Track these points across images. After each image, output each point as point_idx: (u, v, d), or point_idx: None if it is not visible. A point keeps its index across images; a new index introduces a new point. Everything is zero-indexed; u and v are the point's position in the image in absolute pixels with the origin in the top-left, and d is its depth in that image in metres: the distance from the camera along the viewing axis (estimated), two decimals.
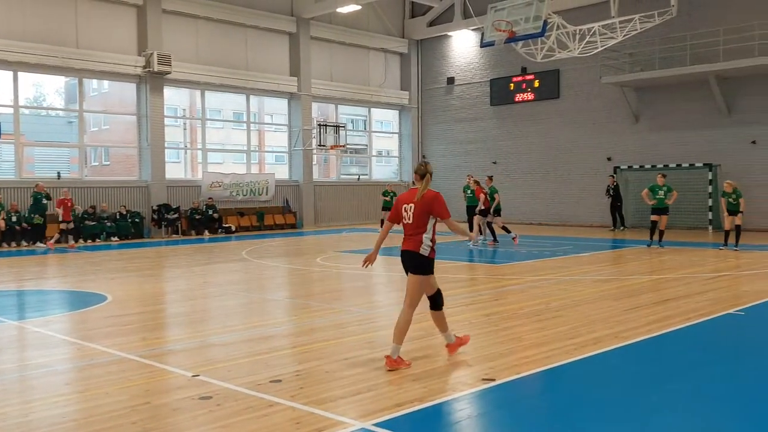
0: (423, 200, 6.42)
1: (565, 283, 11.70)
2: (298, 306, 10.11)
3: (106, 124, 28.67)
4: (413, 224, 6.46)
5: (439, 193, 6.51)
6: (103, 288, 11.65)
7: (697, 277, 12.21)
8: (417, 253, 6.43)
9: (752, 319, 8.67)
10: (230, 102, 29.10)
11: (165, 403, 5.45)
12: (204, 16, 25.08)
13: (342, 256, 16.84)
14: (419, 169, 6.59)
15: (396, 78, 32.30)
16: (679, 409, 5.26)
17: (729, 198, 16.37)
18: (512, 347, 7.12)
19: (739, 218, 16.31)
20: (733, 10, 22.60)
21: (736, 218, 16.30)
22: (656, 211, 17.34)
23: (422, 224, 6.43)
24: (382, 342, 7.47)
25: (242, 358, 6.84)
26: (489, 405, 5.49)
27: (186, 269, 14.64)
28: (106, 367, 6.55)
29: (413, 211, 6.45)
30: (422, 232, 6.43)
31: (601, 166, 25.99)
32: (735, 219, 16.32)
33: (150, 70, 22.97)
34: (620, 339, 7.41)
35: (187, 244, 21.08)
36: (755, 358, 6.95)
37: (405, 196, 6.62)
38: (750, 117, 22.66)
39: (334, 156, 30.91)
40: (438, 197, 6.45)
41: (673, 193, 17.23)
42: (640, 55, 24.42)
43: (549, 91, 27.60)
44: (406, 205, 6.51)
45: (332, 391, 5.67)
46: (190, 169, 27.56)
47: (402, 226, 6.59)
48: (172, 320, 9.40)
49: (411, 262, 6.49)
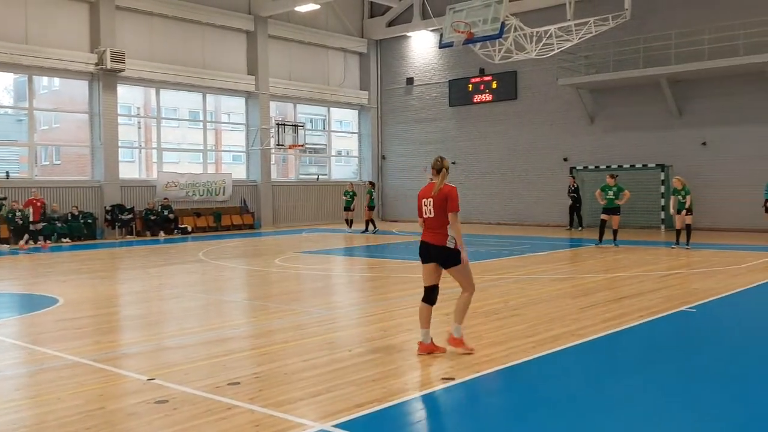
0: (440, 194, 6.66)
1: (523, 281, 11.81)
2: (257, 307, 10.00)
3: (57, 122, 27.99)
4: (435, 218, 6.70)
5: (455, 188, 6.70)
6: (54, 290, 11.37)
7: (651, 275, 12.44)
8: (445, 247, 6.64)
9: (703, 316, 8.86)
10: (186, 100, 28.69)
11: (120, 408, 5.33)
12: (158, 13, 24.70)
13: (301, 256, 16.75)
14: (435, 164, 6.78)
15: (355, 78, 32.26)
16: (637, 403, 5.34)
17: (678, 195, 16.71)
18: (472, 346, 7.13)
19: (689, 218, 16.67)
20: (685, 14, 23.14)
21: (686, 217, 16.65)
22: (606, 211, 17.66)
23: (443, 218, 6.66)
24: (342, 343, 7.44)
25: (199, 360, 6.73)
26: (449, 404, 5.50)
27: (141, 271, 14.39)
28: (58, 371, 6.38)
29: (432, 205, 6.69)
30: (446, 224, 6.64)
31: (557, 166, 26.35)
32: (685, 218, 16.67)
33: (103, 67, 22.52)
34: (577, 336, 7.50)
35: (141, 245, 20.73)
36: (706, 353, 7.10)
37: (424, 191, 6.85)
38: (700, 119, 23.21)
39: (292, 156, 30.74)
40: (452, 191, 6.66)
41: (624, 193, 17.48)
42: (595, 57, 24.82)
43: (506, 93, 27.87)
44: (425, 200, 6.77)
45: (291, 392, 5.61)
46: (144, 169, 27.10)
47: (424, 219, 6.82)
48: (127, 323, 9.21)
49: (442, 256, 6.71)
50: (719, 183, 22.84)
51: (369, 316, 8.96)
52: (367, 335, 7.83)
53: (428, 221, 6.75)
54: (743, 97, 22.32)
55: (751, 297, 10.32)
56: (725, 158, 22.75)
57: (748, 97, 22.23)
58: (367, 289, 11.80)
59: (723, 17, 22.09)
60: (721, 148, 22.83)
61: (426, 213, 6.75)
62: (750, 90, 22.12)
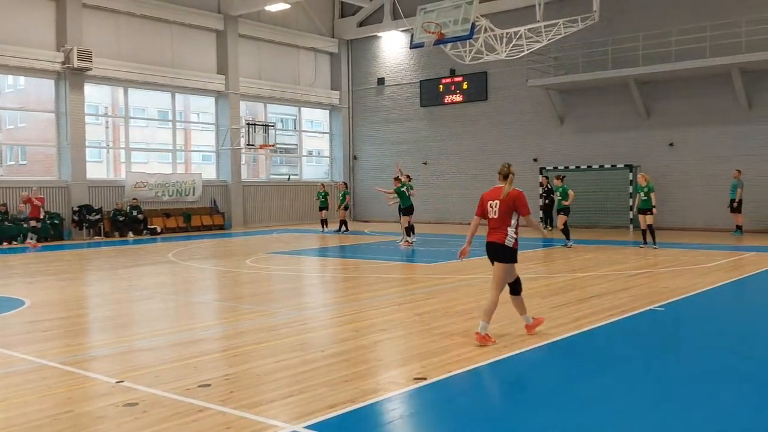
0: (508, 198, 7.26)
1: None
2: (228, 309, 9.92)
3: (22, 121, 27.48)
4: (498, 219, 7.31)
5: (522, 192, 7.33)
6: (20, 292, 11.17)
7: (620, 274, 12.59)
8: (503, 245, 7.26)
9: (671, 315, 8.99)
10: (155, 100, 28.38)
11: (88, 411, 5.25)
12: (126, 11, 24.41)
13: (272, 257, 16.66)
14: (502, 170, 7.42)
15: (326, 77, 32.19)
16: (607, 402, 5.40)
17: (641, 191, 16.91)
18: (444, 345, 7.16)
19: (650, 218, 16.89)
20: (652, 16, 23.47)
21: (647, 217, 16.86)
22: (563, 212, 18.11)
23: (507, 219, 7.27)
24: (314, 344, 7.41)
25: (169, 362, 6.66)
26: (421, 404, 5.51)
27: (110, 272, 14.20)
28: (25, 375, 6.27)
29: (498, 207, 7.29)
30: (507, 225, 7.28)
31: (528, 167, 26.54)
32: (647, 218, 16.89)
33: (69, 66, 22.18)
34: (548, 336, 7.55)
35: (110, 246, 20.46)
36: (675, 351, 7.20)
37: (489, 193, 7.44)
38: (667, 120, 23.56)
39: (263, 156, 30.58)
40: (521, 195, 7.29)
41: (569, 194, 17.91)
42: (564, 58, 25.06)
43: (477, 93, 28.02)
44: (491, 202, 7.36)
45: (263, 394, 5.58)
46: (112, 169, 26.76)
47: (487, 220, 7.42)
48: (95, 325, 9.08)
49: (497, 253, 7.32)
50: (686, 183, 23.22)
51: (341, 317, 8.95)
52: (339, 336, 7.81)
53: (492, 221, 7.36)
54: (710, 99, 22.71)
55: (718, 295, 10.50)
56: (692, 159, 23.12)
57: (714, 98, 22.62)
58: (339, 290, 11.78)
59: (690, 19, 22.45)
60: (688, 148, 23.21)
61: (491, 214, 7.34)
62: (716, 91, 22.51)
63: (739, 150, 22.19)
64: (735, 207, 20.82)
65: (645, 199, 16.82)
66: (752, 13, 21.38)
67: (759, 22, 21.09)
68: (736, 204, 20.76)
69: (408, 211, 18.89)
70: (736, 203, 20.76)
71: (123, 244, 20.92)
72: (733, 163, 21.89)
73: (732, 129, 22.39)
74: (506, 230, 7.26)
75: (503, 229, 7.27)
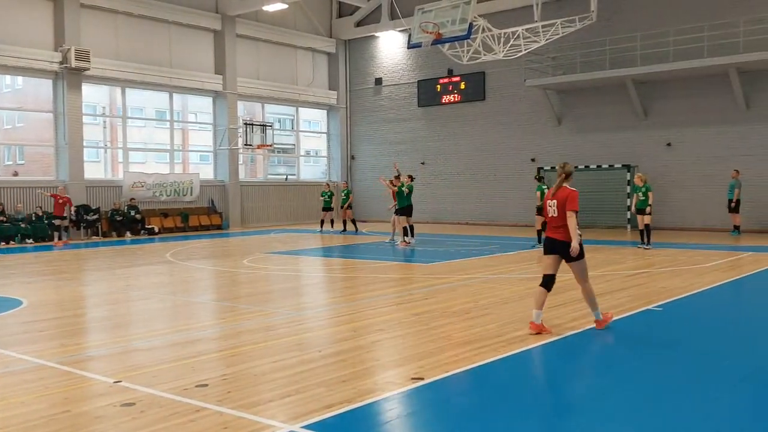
0: (565, 197, 7.59)
1: (493, 281, 11.88)
2: (225, 309, 9.91)
3: (20, 121, 27.49)
4: (558, 217, 7.62)
5: (575, 191, 7.60)
6: (17, 292, 11.16)
7: (617, 274, 12.60)
8: (570, 243, 7.49)
9: (669, 315, 8.99)
10: (153, 100, 28.37)
11: (86, 411, 5.24)
12: (124, 11, 24.38)
13: (270, 257, 16.65)
14: (563, 170, 7.83)
15: (324, 77, 32.18)
16: (605, 402, 5.40)
17: (638, 192, 16.94)
18: (441, 345, 7.16)
19: (648, 218, 16.94)
20: (650, 16, 23.49)
21: (645, 218, 16.91)
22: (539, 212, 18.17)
23: (566, 217, 7.54)
24: (311, 344, 7.41)
25: (167, 362, 6.65)
26: (418, 404, 5.51)
27: (107, 272, 14.18)
28: (22, 375, 6.26)
29: (555, 206, 7.66)
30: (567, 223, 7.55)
31: (525, 166, 26.56)
32: (644, 218, 16.93)
33: (67, 66, 22.15)
34: (546, 336, 7.55)
35: (107, 246, 20.43)
36: (673, 350, 7.20)
37: (550, 193, 7.80)
38: (665, 120, 23.58)
39: (260, 156, 30.56)
40: (572, 194, 7.58)
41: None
42: (562, 58, 25.07)
43: (475, 93, 28.02)
44: (550, 201, 7.73)
45: (261, 394, 5.57)
46: (110, 169, 26.74)
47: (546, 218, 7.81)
48: (93, 325, 9.07)
49: (565, 250, 7.60)
50: (684, 183, 23.25)
51: (338, 317, 8.94)
52: (336, 336, 7.81)
53: (552, 220, 7.69)
54: (707, 99, 22.73)
55: (716, 296, 10.51)
56: (690, 159, 23.15)
57: (712, 98, 22.64)
58: (337, 290, 11.78)
59: (687, 19, 22.48)
60: (686, 148, 23.23)
61: (551, 213, 7.69)
62: (714, 91, 22.54)
63: (737, 150, 22.22)
64: (733, 207, 20.84)
65: (643, 199, 16.85)
66: (750, 13, 21.41)
67: (756, 22, 21.12)
68: (734, 204, 20.78)
69: (406, 212, 18.87)
70: (734, 203, 20.78)
71: (120, 244, 20.89)
72: (731, 163, 21.92)
73: (730, 129, 22.41)
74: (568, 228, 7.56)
75: (565, 227, 7.57)
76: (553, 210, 7.66)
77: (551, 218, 7.69)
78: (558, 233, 7.64)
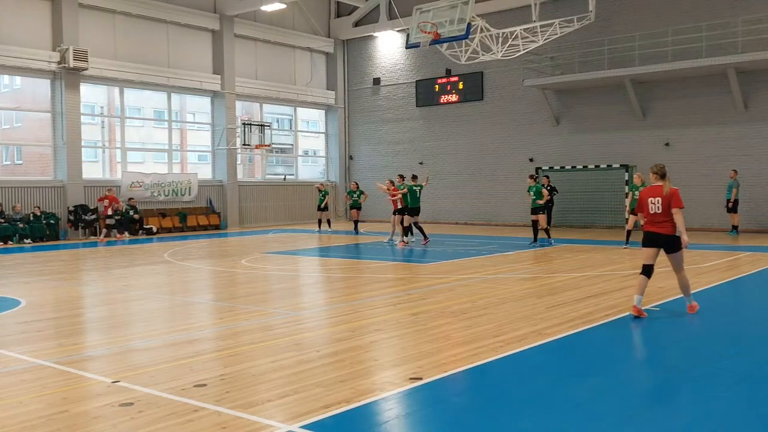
0: (669, 195, 8.39)
1: (491, 281, 11.89)
2: (224, 309, 9.91)
3: (18, 121, 27.46)
4: (663, 213, 8.45)
5: (678, 189, 8.46)
6: (16, 292, 11.15)
7: (616, 274, 12.61)
8: (674, 236, 8.41)
9: (667, 314, 9.00)
10: (151, 100, 28.35)
11: (84, 411, 5.24)
12: (122, 11, 24.36)
13: (268, 257, 16.65)
14: (660, 171, 8.60)
15: (322, 77, 32.18)
16: (602, 402, 5.40)
17: (636, 191, 16.94)
18: (439, 346, 7.17)
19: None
20: (649, 16, 23.51)
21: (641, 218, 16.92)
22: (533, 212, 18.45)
23: (670, 213, 8.41)
24: (309, 344, 7.41)
25: (165, 362, 6.65)
26: (416, 404, 5.51)
27: (105, 272, 14.17)
28: (20, 374, 6.25)
29: (660, 203, 8.44)
30: (671, 218, 8.39)
31: (524, 166, 26.56)
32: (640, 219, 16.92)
33: (65, 65, 22.13)
34: (544, 336, 7.56)
35: (105, 246, 20.41)
36: (670, 350, 7.21)
37: (649, 191, 8.57)
38: (663, 120, 23.60)
39: (259, 155, 30.54)
40: (677, 192, 8.41)
41: (542, 193, 18.36)
42: (560, 58, 25.09)
43: (473, 93, 28.03)
44: (652, 199, 8.51)
45: (259, 394, 5.57)
46: (108, 169, 26.71)
47: (646, 215, 8.60)
48: (91, 325, 9.06)
49: (668, 243, 8.53)
50: (682, 183, 23.15)
51: (336, 317, 8.94)
52: (334, 336, 7.81)
53: (655, 216, 8.49)
54: (705, 99, 22.75)
55: (714, 296, 10.52)
56: (688, 159, 23.16)
57: (710, 98, 22.66)
58: (335, 290, 11.77)
59: (686, 20, 22.51)
60: (684, 148, 23.24)
61: (653, 209, 8.48)
62: (712, 91, 22.56)
63: (735, 150, 22.24)
64: (731, 207, 20.85)
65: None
66: (748, 13, 21.44)
67: (755, 22, 21.15)
68: (732, 204, 20.80)
69: (413, 212, 18.99)
70: (732, 203, 20.79)
71: (119, 244, 20.88)
72: (729, 163, 21.94)
73: (728, 129, 22.43)
74: (673, 223, 8.38)
75: (668, 222, 8.41)
76: (657, 207, 8.44)
77: (654, 214, 8.47)
78: (661, 228, 8.45)
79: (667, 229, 8.46)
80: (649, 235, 8.63)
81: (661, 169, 8.64)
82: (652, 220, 8.55)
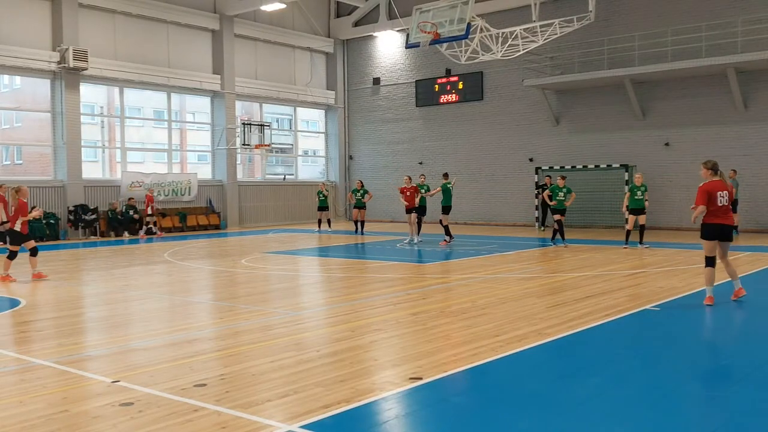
0: (731, 188, 9.26)
1: (491, 281, 11.89)
2: (224, 308, 9.91)
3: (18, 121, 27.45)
4: (728, 206, 9.17)
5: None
6: (16, 292, 11.15)
7: (616, 274, 12.61)
8: (736, 226, 8.96)
9: (667, 314, 9.00)
10: (151, 100, 28.33)
11: (84, 411, 5.24)
12: (122, 11, 24.36)
13: (268, 257, 16.65)
14: (713, 166, 9.25)
15: (322, 77, 32.18)
16: (602, 402, 5.40)
17: (637, 191, 16.95)
18: (439, 345, 7.17)
19: (643, 218, 17.03)
20: (648, 16, 23.51)
21: (639, 218, 16.99)
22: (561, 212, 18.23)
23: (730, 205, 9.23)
24: (309, 343, 7.41)
25: (165, 362, 6.65)
26: (416, 404, 5.51)
27: (105, 272, 14.17)
28: (20, 374, 6.26)
29: (727, 196, 9.15)
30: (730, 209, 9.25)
31: (524, 166, 26.58)
32: (639, 219, 17.01)
33: (65, 65, 22.13)
34: (544, 336, 7.56)
35: (105, 245, 20.42)
36: (670, 350, 7.21)
37: (716, 186, 9.09)
38: (663, 120, 23.60)
39: (258, 155, 30.54)
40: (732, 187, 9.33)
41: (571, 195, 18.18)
42: (560, 58, 25.09)
43: (473, 93, 28.03)
44: (720, 192, 9.10)
45: (258, 394, 5.58)
46: (108, 169, 26.70)
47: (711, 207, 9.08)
48: (91, 325, 9.06)
49: (731, 234, 9.30)
50: (682, 183, 23.24)
51: (336, 317, 8.94)
52: (334, 336, 7.81)
53: (723, 208, 9.10)
54: (705, 98, 22.75)
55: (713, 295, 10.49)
56: (688, 158, 23.13)
57: (710, 98, 22.66)
58: (335, 290, 11.77)
59: (685, 20, 22.51)
60: (684, 148, 23.24)
61: (722, 202, 9.06)
62: (712, 91, 22.56)
63: (735, 150, 22.24)
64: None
65: (640, 199, 16.89)
66: (748, 13, 21.44)
67: (754, 22, 21.16)
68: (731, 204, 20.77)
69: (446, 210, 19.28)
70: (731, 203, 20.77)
71: (118, 244, 20.88)
72: (729, 163, 21.89)
73: (727, 129, 22.43)
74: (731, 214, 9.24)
75: (731, 213, 9.23)
76: (725, 199, 9.10)
77: (721, 207, 9.09)
78: (728, 219, 9.20)
79: (732, 220, 9.35)
80: (720, 227, 9.18)
81: (715, 165, 9.22)
82: (720, 211, 9.12)
